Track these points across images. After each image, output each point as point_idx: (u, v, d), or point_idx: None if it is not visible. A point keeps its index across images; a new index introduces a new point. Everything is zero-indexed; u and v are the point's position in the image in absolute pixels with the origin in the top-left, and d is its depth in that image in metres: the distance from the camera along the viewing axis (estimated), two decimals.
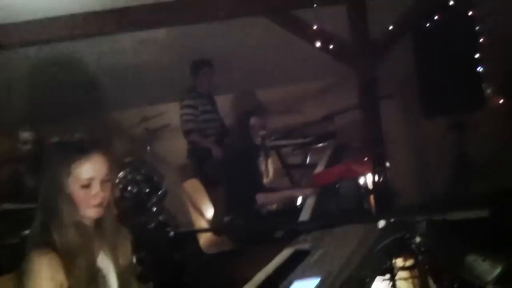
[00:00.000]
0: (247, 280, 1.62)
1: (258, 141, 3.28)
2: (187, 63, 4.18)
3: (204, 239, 2.99)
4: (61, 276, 1.44)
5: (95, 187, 1.50)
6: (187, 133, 4.07)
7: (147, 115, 4.36)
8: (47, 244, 1.46)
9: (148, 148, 4.17)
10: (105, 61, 4.35)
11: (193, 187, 3.17)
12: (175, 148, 4.27)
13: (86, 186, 1.49)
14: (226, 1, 3.71)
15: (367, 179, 2.85)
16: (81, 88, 4.47)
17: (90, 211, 1.52)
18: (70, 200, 1.48)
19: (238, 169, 3.15)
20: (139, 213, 3.09)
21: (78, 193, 1.49)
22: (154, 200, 3.31)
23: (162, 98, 4.57)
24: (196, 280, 2.92)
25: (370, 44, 3.80)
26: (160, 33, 4.11)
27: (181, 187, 3.17)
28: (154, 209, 3.26)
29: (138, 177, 3.36)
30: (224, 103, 4.53)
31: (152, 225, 3.04)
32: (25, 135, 3.60)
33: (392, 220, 1.84)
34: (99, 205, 1.52)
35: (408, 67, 4.14)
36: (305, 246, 1.84)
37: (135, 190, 3.27)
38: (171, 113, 4.34)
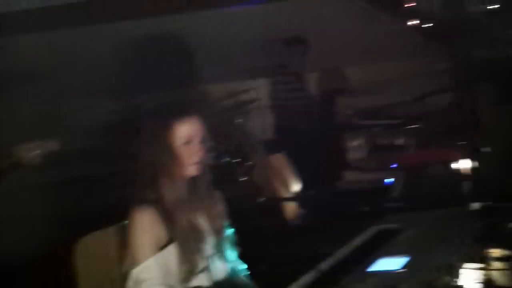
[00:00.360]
0: (329, 254, 1.68)
1: (345, 120, 3.29)
2: (279, 39, 4.22)
3: (288, 211, 3.08)
4: (160, 232, 1.57)
5: (195, 145, 1.63)
6: (275, 109, 4.15)
7: (237, 90, 4.48)
8: (147, 200, 1.59)
9: (237, 121, 4.31)
10: (197, 36, 4.52)
11: (279, 161, 3.26)
12: (263, 123, 4.37)
13: (188, 143, 1.62)
14: None
15: (459, 163, 2.78)
16: (175, 62, 4.68)
17: (191, 169, 1.64)
18: (174, 158, 1.61)
19: (325, 147, 3.19)
20: (228, 183, 3.24)
21: (181, 150, 1.62)
22: (243, 171, 3.45)
23: (252, 74, 4.66)
24: (278, 250, 3.02)
25: (466, 22, 3.61)
26: (253, 9, 4.19)
27: (267, 160, 3.27)
28: (242, 179, 3.40)
29: (229, 148, 3.53)
30: (311, 81, 4.55)
31: (240, 195, 3.17)
32: (122, 103, 3.89)
33: (483, 205, 1.81)
34: (198, 163, 1.65)
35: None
36: (392, 225, 1.87)
37: (225, 160, 3.42)
38: (261, 89, 4.43)
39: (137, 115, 3.94)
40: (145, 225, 1.54)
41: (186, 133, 1.62)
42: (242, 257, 1.86)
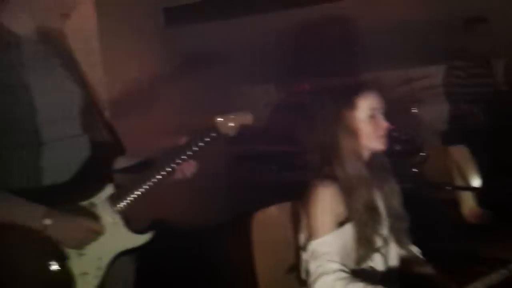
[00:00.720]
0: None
1: None
2: (458, 20, 3.91)
3: (466, 208, 2.88)
4: (340, 208, 1.59)
5: (380, 117, 1.61)
6: (451, 97, 3.87)
7: (413, 77, 4.29)
8: (330, 177, 1.62)
9: (413, 110, 4.14)
10: (368, 20, 4.41)
11: (460, 154, 3.05)
12: (439, 112, 4.12)
13: (372, 116, 1.61)
14: None
15: None
16: (346, 48, 4.66)
17: (377, 143, 1.64)
18: (353, 134, 1.61)
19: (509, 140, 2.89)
20: (399, 173, 3.14)
21: (366, 125, 1.62)
22: (415, 161, 3.31)
23: (429, 59, 4.41)
24: (450, 249, 2.85)
25: None
26: None
27: (445, 152, 3.09)
28: (414, 170, 3.27)
29: (402, 137, 3.41)
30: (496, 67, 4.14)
31: (411, 185, 3.05)
32: (303, 85, 4.01)
33: None
34: (384, 136, 1.62)
35: None
36: None
37: (397, 148, 3.32)
38: (439, 75, 4.17)
39: (315, 97, 4.05)
40: (327, 200, 1.58)
41: (371, 106, 1.63)
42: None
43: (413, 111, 4.10)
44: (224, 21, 4.48)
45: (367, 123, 1.63)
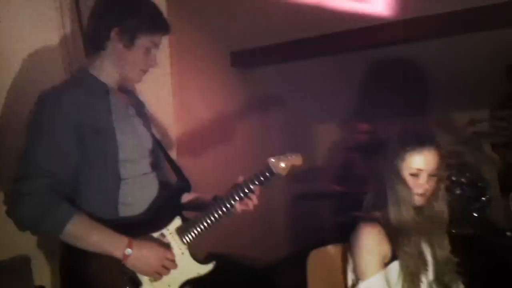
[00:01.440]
0: None
1: None
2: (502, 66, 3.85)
3: None
4: (385, 249, 1.66)
5: (422, 178, 1.67)
6: (494, 148, 3.75)
7: (474, 118, 4.24)
8: (374, 219, 1.71)
9: (485, 151, 4.07)
10: (439, 62, 4.43)
11: None
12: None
13: (415, 175, 1.67)
14: None
15: None
16: (416, 89, 4.68)
17: (415, 198, 1.70)
18: (404, 182, 1.69)
19: None
20: (460, 217, 3.10)
21: (408, 179, 1.70)
22: (477, 205, 3.26)
23: (485, 103, 4.34)
24: None
25: None
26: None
27: (503, 198, 3.03)
28: (476, 214, 3.21)
29: (463, 179, 3.36)
30: None
31: (472, 231, 3.00)
32: (363, 126, 4.08)
33: None
34: (422, 195, 1.68)
35: None
36: None
37: (457, 192, 3.28)
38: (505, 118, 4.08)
39: (375, 140, 4.11)
40: (373, 241, 1.67)
41: (415, 166, 1.69)
42: None
43: (485, 151, 4.03)
44: (286, 64, 4.66)
45: (409, 179, 1.71)
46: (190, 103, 3.91)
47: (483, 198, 3.28)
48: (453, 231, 1.91)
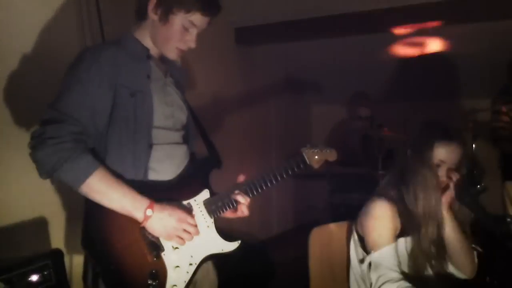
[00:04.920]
0: None
1: None
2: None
3: None
4: (397, 223, 1.74)
5: (442, 170, 1.72)
6: (494, 140, 3.79)
7: (476, 108, 4.27)
8: (389, 196, 1.78)
9: (473, 146, 4.11)
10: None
11: None
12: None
13: (437, 165, 1.73)
14: None
15: None
16: (419, 75, 4.70)
17: None
18: (434, 171, 1.73)
19: None
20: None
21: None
22: (472, 192, 3.31)
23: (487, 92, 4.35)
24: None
25: None
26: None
27: (503, 187, 3.09)
28: (468, 201, 3.27)
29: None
30: None
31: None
32: (363, 110, 4.12)
33: None
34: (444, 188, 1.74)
35: None
36: None
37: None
38: None
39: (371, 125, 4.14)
40: (386, 214, 1.73)
41: (439, 157, 1.74)
42: None
43: (473, 146, 4.07)
44: (291, 44, 4.65)
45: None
46: (193, 78, 3.90)
47: (478, 186, 3.34)
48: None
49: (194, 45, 1.72)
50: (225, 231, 1.74)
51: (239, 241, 1.72)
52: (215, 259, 1.77)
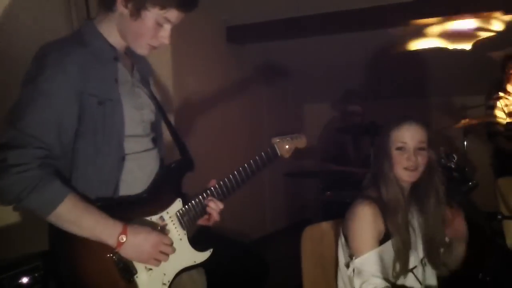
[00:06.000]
0: None
1: None
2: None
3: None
4: (380, 226, 1.72)
5: (408, 151, 1.74)
6: (489, 136, 3.82)
7: (468, 105, 4.31)
8: (370, 197, 1.76)
9: (465, 143, 4.15)
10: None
11: (507, 185, 3.07)
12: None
13: (400, 148, 1.74)
14: None
15: None
16: (409, 72, 4.72)
17: (402, 173, 1.75)
18: (389, 158, 1.76)
19: None
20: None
21: (394, 154, 1.76)
22: (463, 189, 3.33)
23: (479, 89, 4.39)
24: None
25: None
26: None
27: (494, 183, 3.10)
28: (459, 199, 3.29)
29: (450, 164, 3.42)
30: None
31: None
32: (354, 107, 4.12)
33: None
34: (412, 170, 1.74)
35: None
36: None
37: (445, 175, 3.35)
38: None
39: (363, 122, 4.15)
40: (368, 218, 1.71)
41: (399, 139, 1.75)
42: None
43: (465, 144, 4.10)
44: (282, 41, 4.65)
45: (396, 154, 1.76)
46: (184, 77, 3.89)
47: (470, 183, 3.35)
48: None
49: (167, 41, 1.57)
50: (196, 238, 1.68)
51: (211, 250, 1.66)
52: (191, 270, 1.69)
